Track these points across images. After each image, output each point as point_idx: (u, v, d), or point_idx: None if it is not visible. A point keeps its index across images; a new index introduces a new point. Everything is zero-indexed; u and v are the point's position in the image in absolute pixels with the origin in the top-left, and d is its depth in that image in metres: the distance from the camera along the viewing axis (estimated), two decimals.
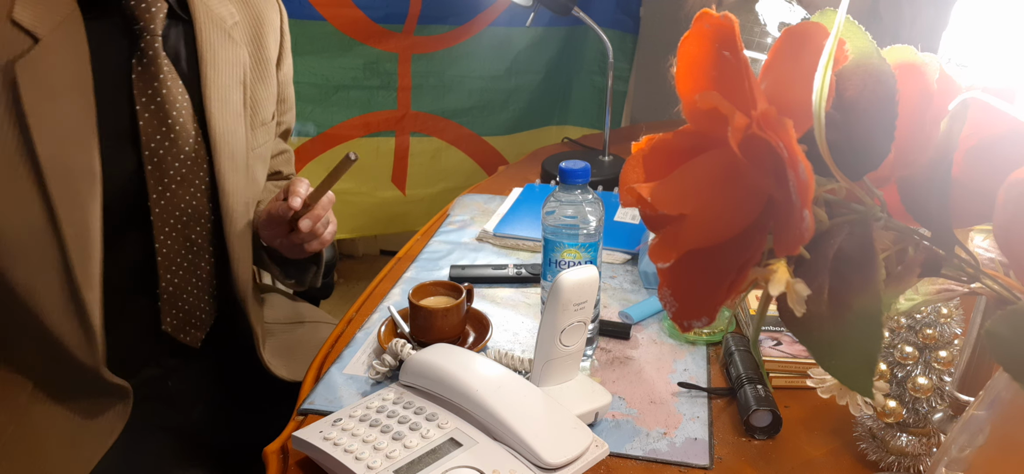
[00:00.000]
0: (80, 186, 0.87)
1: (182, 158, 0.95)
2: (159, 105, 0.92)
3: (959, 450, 0.41)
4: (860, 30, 0.36)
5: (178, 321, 1.01)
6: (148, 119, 0.91)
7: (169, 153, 0.93)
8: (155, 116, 0.92)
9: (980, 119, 0.35)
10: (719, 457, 0.75)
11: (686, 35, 0.37)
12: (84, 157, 0.87)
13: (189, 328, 1.02)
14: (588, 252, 0.87)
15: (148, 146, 0.92)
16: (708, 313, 0.37)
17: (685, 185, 0.37)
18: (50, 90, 0.85)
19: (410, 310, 0.92)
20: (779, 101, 0.35)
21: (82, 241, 0.88)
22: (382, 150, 2.09)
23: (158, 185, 0.93)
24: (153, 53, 0.91)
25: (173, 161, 0.94)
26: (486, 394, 0.72)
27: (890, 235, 0.37)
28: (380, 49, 1.96)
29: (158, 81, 0.91)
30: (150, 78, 0.91)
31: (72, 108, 0.87)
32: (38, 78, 0.84)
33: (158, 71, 0.91)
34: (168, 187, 0.94)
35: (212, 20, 0.98)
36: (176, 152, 0.94)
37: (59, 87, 0.86)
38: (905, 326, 0.71)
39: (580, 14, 1.45)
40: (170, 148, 0.93)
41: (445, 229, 1.30)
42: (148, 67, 0.91)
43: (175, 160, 0.94)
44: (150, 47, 0.91)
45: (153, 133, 0.92)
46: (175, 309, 1.00)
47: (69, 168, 0.86)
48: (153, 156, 0.92)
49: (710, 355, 0.92)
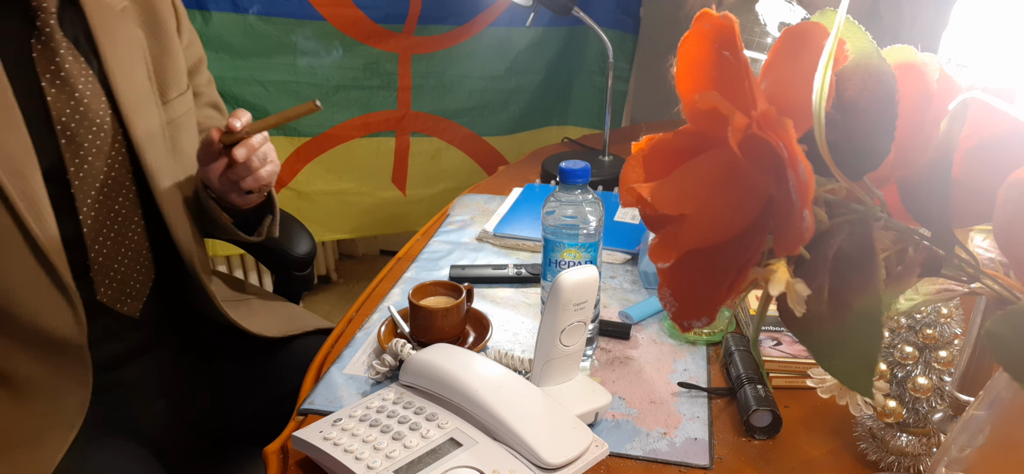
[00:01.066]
0: (20, 161, 0.89)
1: (95, 130, 0.96)
2: (63, 80, 0.94)
3: (959, 450, 0.41)
4: (860, 30, 0.36)
5: (113, 291, 1.02)
6: (55, 95, 0.93)
7: (81, 126, 0.95)
8: (61, 91, 0.94)
9: (980, 119, 0.35)
10: (719, 457, 0.75)
11: (686, 35, 0.37)
12: (15, 135, 0.90)
13: (124, 298, 1.03)
14: (588, 252, 0.87)
15: (59, 121, 0.94)
16: (708, 313, 0.37)
17: (685, 185, 0.37)
18: None
19: (410, 310, 0.92)
20: (779, 101, 0.35)
21: (34, 207, 0.91)
22: (382, 150, 2.09)
23: (74, 158, 0.95)
24: (50, 30, 0.93)
25: (86, 134, 0.96)
26: (486, 394, 0.72)
27: (890, 235, 0.37)
28: (380, 49, 1.96)
29: (59, 56, 0.94)
30: (51, 54, 0.93)
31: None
32: None
33: (58, 46, 0.94)
34: (84, 159, 0.96)
35: (99, 5, 1.00)
36: (87, 124, 0.96)
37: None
38: (905, 326, 0.71)
39: (580, 14, 1.45)
40: (81, 121, 0.95)
41: (445, 229, 1.30)
42: (47, 44, 0.93)
43: (88, 132, 0.96)
44: (46, 25, 0.93)
45: (62, 108, 0.94)
46: (107, 279, 1.01)
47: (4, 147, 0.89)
48: (65, 130, 0.94)
49: (710, 355, 0.92)
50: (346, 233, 2.20)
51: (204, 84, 1.19)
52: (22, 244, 0.91)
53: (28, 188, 0.90)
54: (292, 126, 1.97)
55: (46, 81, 0.93)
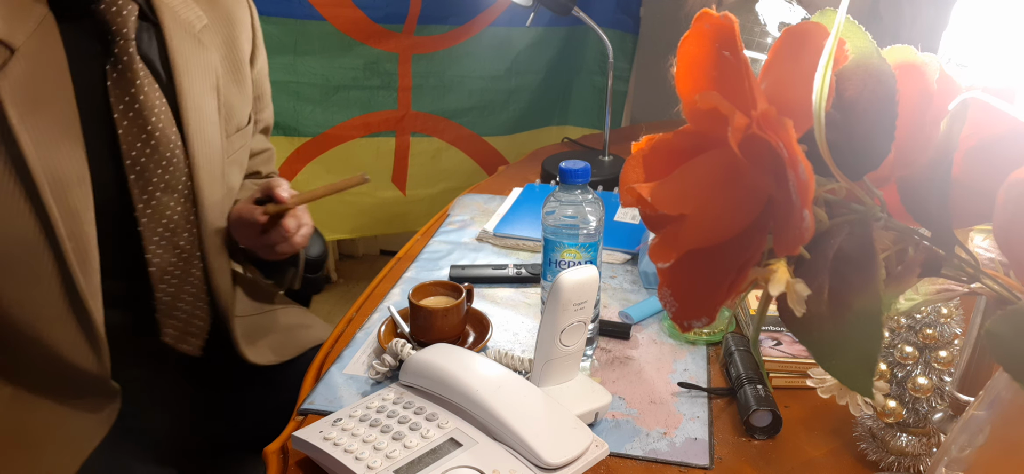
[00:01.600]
0: (73, 194, 0.86)
1: (165, 165, 0.92)
2: (137, 112, 0.89)
3: (959, 450, 0.41)
4: (860, 30, 0.36)
5: (177, 332, 1.00)
6: (127, 127, 0.89)
7: (151, 160, 0.91)
8: (134, 123, 0.89)
9: (980, 119, 0.35)
10: (719, 457, 0.75)
11: (686, 35, 0.37)
12: (74, 165, 0.85)
13: (188, 337, 1.01)
14: (588, 252, 0.87)
15: (129, 155, 0.90)
16: (708, 313, 0.37)
17: (685, 185, 0.37)
18: (32, 100, 0.83)
19: (410, 310, 0.92)
20: (779, 101, 0.35)
21: (81, 250, 0.87)
22: (382, 150, 2.09)
23: (143, 194, 0.91)
24: (128, 58, 0.89)
25: (156, 169, 0.92)
26: (486, 394, 0.72)
27: (890, 235, 0.37)
28: (380, 49, 1.96)
29: (135, 87, 0.89)
30: (127, 85, 0.89)
31: (56, 116, 0.85)
32: (18, 88, 0.82)
33: (135, 77, 0.89)
34: (152, 195, 0.92)
35: (180, 25, 0.95)
36: (157, 159, 0.92)
37: (41, 96, 0.84)
38: (905, 326, 0.71)
39: (580, 14, 1.45)
40: (152, 155, 0.91)
41: (445, 229, 1.30)
42: (123, 73, 0.89)
43: (157, 168, 0.92)
44: (124, 52, 0.89)
45: (133, 141, 0.90)
46: (173, 319, 0.99)
47: (60, 177, 0.84)
48: (135, 165, 0.90)
49: (710, 355, 0.92)
50: (346, 233, 2.20)
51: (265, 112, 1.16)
52: (59, 284, 0.87)
53: (78, 229, 0.86)
54: (292, 126, 1.97)
55: (119, 113, 0.88)
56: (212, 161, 0.98)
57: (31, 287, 0.87)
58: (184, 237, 0.97)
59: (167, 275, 0.96)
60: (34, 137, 0.83)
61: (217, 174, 0.99)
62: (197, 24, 0.97)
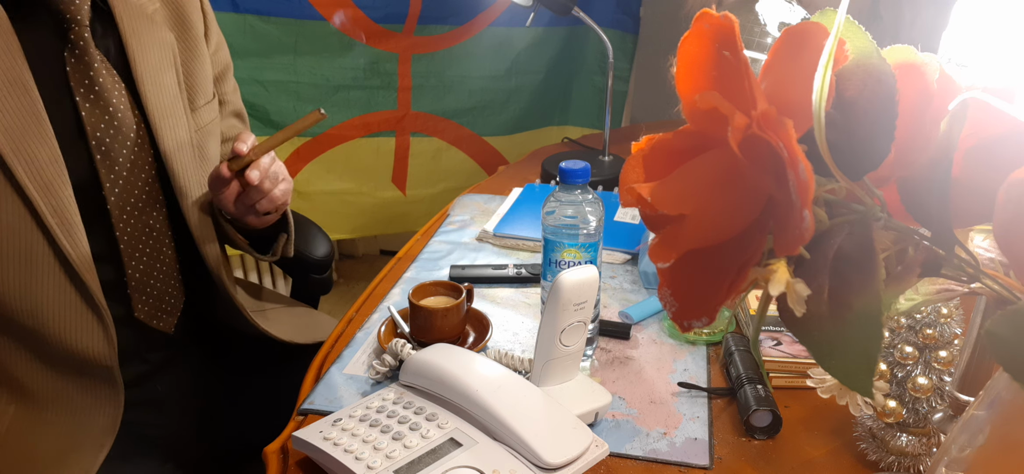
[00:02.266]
0: (48, 172, 0.88)
1: (129, 144, 0.95)
2: (98, 95, 0.92)
3: (959, 450, 0.41)
4: (860, 30, 0.36)
5: (149, 308, 1.01)
6: (89, 110, 0.91)
7: (115, 140, 0.93)
8: (95, 106, 0.92)
9: (980, 119, 0.35)
10: (719, 457, 0.75)
11: (686, 35, 0.37)
12: (45, 146, 0.88)
13: (161, 314, 1.02)
14: (588, 252, 0.87)
15: (94, 136, 0.92)
16: (708, 313, 0.37)
17: (685, 185, 0.37)
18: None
19: (410, 310, 0.92)
20: (779, 101, 0.35)
21: (65, 224, 0.89)
22: (382, 150, 2.09)
23: (110, 173, 0.93)
24: (83, 43, 0.91)
25: (120, 148, 0.94)
26: (486, 394, 0.72)
27: (890, 235, 0.37)
28: (380, 49, 1.96)
29: (93, 71, 0.91)
30: (85, 68, 0.91)
31: (19, 105, 0.86)
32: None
33: (92, 61, 0.91)
34: (119, 176, 0.94)
35: (130, 8, 0.97)
36: (122, 140, 0.94)
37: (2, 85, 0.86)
38: (905, 326, 0.71)
39: (580, 14, 1.45)
40: (116, 136, 0.93)
41: (445, 229, 1.30)
42: (81, 58, 0.91)
43: (122, 147, 0.94)
44: (80, 38, 0.91)
45: (97, 123, 0.92)
46: (144, 295, 1.00)
47: (33, 158, 0.87)
48: (100, 146, 0.92)
49: (710, 355, 0.92)
50: (346, 233, 2.20)
51: (230, 91, 1.17)
52: (53, 261, 0.89)
53: (59, 204, 0.88)
54: None
55: (80, 96, 0.91)
56: (178, 132, 1.00)
57: (28, 271, 0.89)
58: (153, 215, 0.99)
59: (137, 252, 0.98)
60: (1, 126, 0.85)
61: (185, 145, 1.01)
62: (148, 7, 1.00)
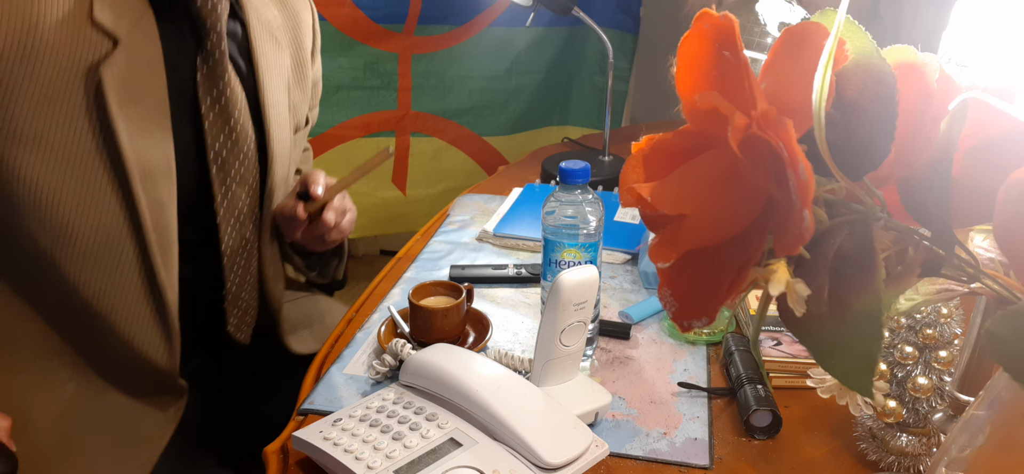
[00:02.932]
0: (159, 185, 0.87)
1: (242, 158, 0.95)
2: (223, 106, 0.92)
3: (959, 450, 0.41)
4: (860, 30, 0.36)
5: (238, 320, 1.02)
6: (213, 121, 0.91)
7: (231, 154, 0.93)
8: (219, 117, 0.92)
9: (980, 119, 0.35)
10: (719, 457, 0.75)
11: (686, 35, 0.37)
12: (162, 157, 0.87)
13: (243, 327, 1.03)
14: (588, 252, 0.87)
15: (212, 148, 0.92)
16: (708, 313, 0.37)
17: (685, 185, 0.37)
18: (131, 91, 0.84)
19: (410, 310, 0.92)
20: (779, 101, 0.35)
21: (163, 241, 0.88)
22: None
23: (222, 186, 0.94)
24: (219, 54, 0.91)
25: (234, 161, 0.94)
26: (486, 394, 0.72)
27: (890, 235, 0.37)
28: (380, 49, 1.96)
29: (223, 82, 0.91)
30: (215, 79, 0.91)
31: (150, 108, 0.86)
32: (120, 79, 0.83)
33: (223, 72, 0.91)
34: (230, 187, 0.95)
35: (261, 23, 0.98)
36: (236, 152, 0.94)
37: (138, 87, 0.85)
38: (905, 326, 0.71)
39: (580, 14, 1.45)
40: (232, 149, 0.93)
41: (445, 229, 1.30)
42: (214, 68, 0.90)
43: (235, 160, 0.94)
44: (216, 48, 0.90)
45: (217, 134, 0.92)
46: (237, 309, 1.01)
47: (149, 168, 0.86)
48: (218, 158, 0.92)
49: (710, 355, 0.92)
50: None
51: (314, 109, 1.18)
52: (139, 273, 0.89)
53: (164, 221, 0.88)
54: None
55: (206, 106, 0.90)
56: (284, 156, 1.02)
57: (113, 277, 0.88)
58: (249, 228, 1.00)
59: (235, 265, 0.99)
60: (128, 128, 0.84)
61: (286, 168, 1.03)
62: (273, 23, 1.01)
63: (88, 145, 0.83)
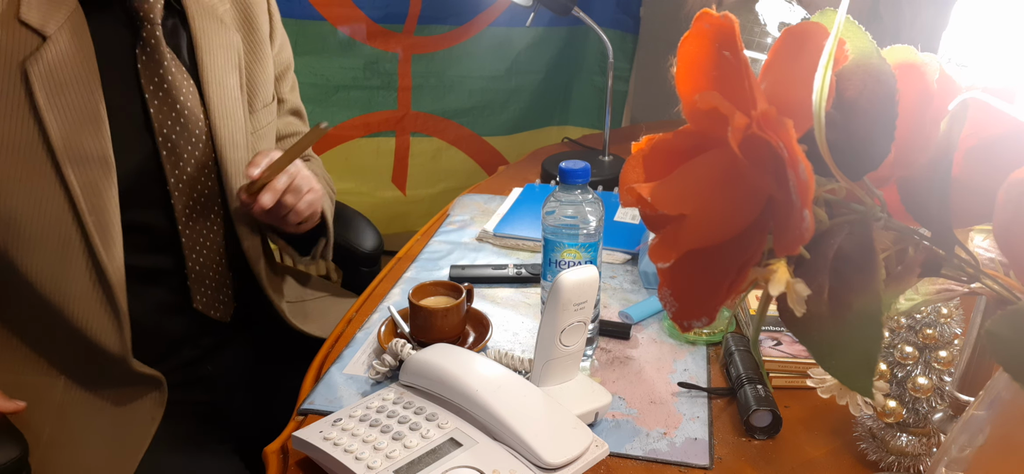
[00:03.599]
0: (96, 173, 0.90)
1: (194, 141, 0.98)
2: (166, 91, 0.95)
3: (959, 450, 0.41)
4: (860, 30, 0.36)
5: (207, 298, 1.04)
6: (158, 106, 0.94)
7: (181, 137, 0.96)
8: (164, 102, 0.95)
9: (980, 119, 0.35)
10: (719, 457, 0.75)
11: (686, 35, 0.37)
12: (97, 145, 0.90)
13: (218, 304, 1.05)
14: (588, 252, 0.87)
15: (161, 132, 0.95)
16: (708, 313, 0.37)
17: (685, 185, 0.37)
18: (60, 84, 0.88)
19: (410, 310, 0.92)
20: (779, 101, 0.35)
21: (103, 226, 0.91)
22: (382, 150, 2.09)
23: (175, 169, 0.97)
24: (155, 41, 0.94)
25: (185, 145, 0.97)
26: (486, 394, 0.72)
27: (890, 235, 0.37)
28: (380, 49, 1.96)
29: (163, 68, 0.95)
30: (155, 66, 0.94)
31: (81, 99, 0.90)
32: (48, 73, 0.88)
33: (162, 58, 0.95)
34: (183, 171, 0.98)
35: (203, 8, 1.00)
36: (187, 136, 0.97)
37: (68, 80, 0.89)
38: (905, 326, 0.71)
39: (580, 14, 1.45)
40: (182, 132, 0.96)
41: (445, 229, 1.30)
42: (152, 55, 0.94)
43: (187, 144, 0.97)
44: (152, 36, 0.94)
45: (165, 119, 0.95)
46: (203, 286, 1.03)
47: (84, 156, 0.90)
48: (167, 141, 0.96)
49: (710, 355, 0.92)
50: None
51: (288, 90, 1.20)
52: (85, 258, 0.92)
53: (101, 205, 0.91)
54: None
55: (149, 92, 0.94)
56: (235, 135, 1.03)
57: (60, 263, 0.92)
58: (215, 209, 1.02)
59: (197, 246, 1.01)
60: (59, 118, 0.88)
61: (240, 147, 1.04)
62: (219, 7, 1.03)
63: (23, 136, 0.88)
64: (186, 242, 0.99)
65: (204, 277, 1.03)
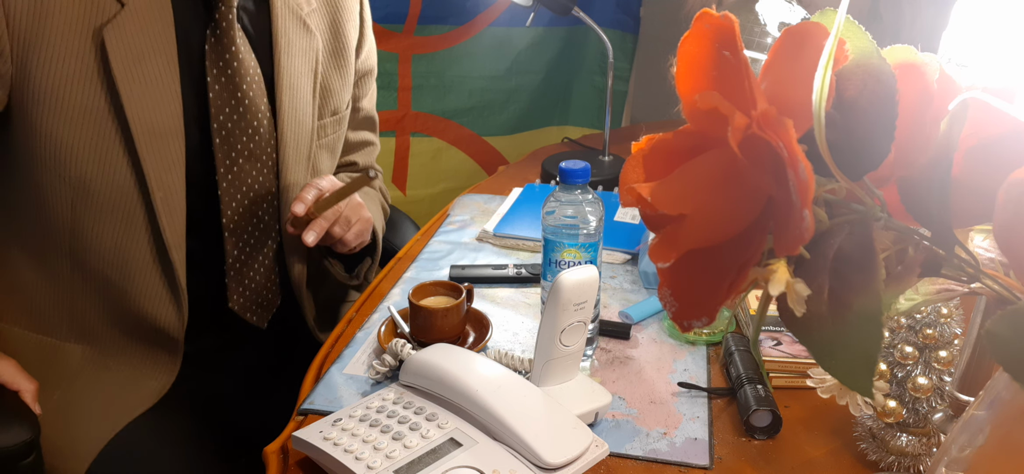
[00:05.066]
0: (166, 146, 0.90)
1: (251, 133, 0.96)
2: (229, 78, 0.93)
3: (959, 450, 0.41)
4: (860, 30, 0.36)
5: (244, 300, 1.02)
6: (218, 91, 0.93)
7: (238, 127, 0.95)
8: (225, 88, 0.93)
9: (980, 119, 0.35)
10: (719, 457, 0.75)
11: (686, 35, 0.37)
12: (170, 120, 0.90)
13: (255, 308, 1.03)
14: (588, 252, 0.87)
15: (217, 118, 0.94)
16: (708, 313, 0.37)
17: (685, 185, 0.37)
18: (137, 53, 0.87)
19: (410, 310, 0.92)
20: (779, 101, 0.35)
21: (168, 200, 0.91)
22: (382, 150, 2.09)
23: (226, 158, 0.95)
24: (227, 24, 0.93)
25: (241, 135, 0.95)
26: (486, 394, 0.72)
27: (890, 235, 0.37)
28: (380, 49, 1.96)
29: (230, 54, 0.93)
30: (222, 50, 0.93)
31: (157, 71, 0.89)
32: (125, 41, 0.87)
33: (230, 43, 0.93)
34: (235, 161, 0.96)
35: (288, 6, 0.99)
36: (244, 126, 0.95)
37: (145, 50, 0.88)
38: (905, 326, 0.71)
39: (580, 14, 1.45)
40: (239, 122, 0.95)
41: (445, 229, 1.30)
42: (221, 38, 0.93)
43: (243, 135, 0.96)
44: (224, 18, 0.92)
45: (223, 105, 0.94)
46: (242, 287, 1.01)
47: (155, 130, 0.89)
48: (222, 129, 0.94)
49: (710, 355, 0.92)
50: None
51: (366, 98, 1.18)
52: (147, 231, 0.92)
53: (169, 180, 0.91)
54: None
55: (212, 77, 0.93)
56: (300, 140, 1.02)
57: (124, 233, 0.92)
58: (263, 207, 1.01)
59: (241, 241, 1.00)
60: (134, 89, 0.88)
61: (303, 153, 1.03)
62: (305, 8, 1.02)
63: (97, 104, 0.87)
64: (228, 237, 0.98)
65: (243, 275, 1.00)
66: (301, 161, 1.02)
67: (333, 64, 1.06)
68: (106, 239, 0.91)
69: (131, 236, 0.92)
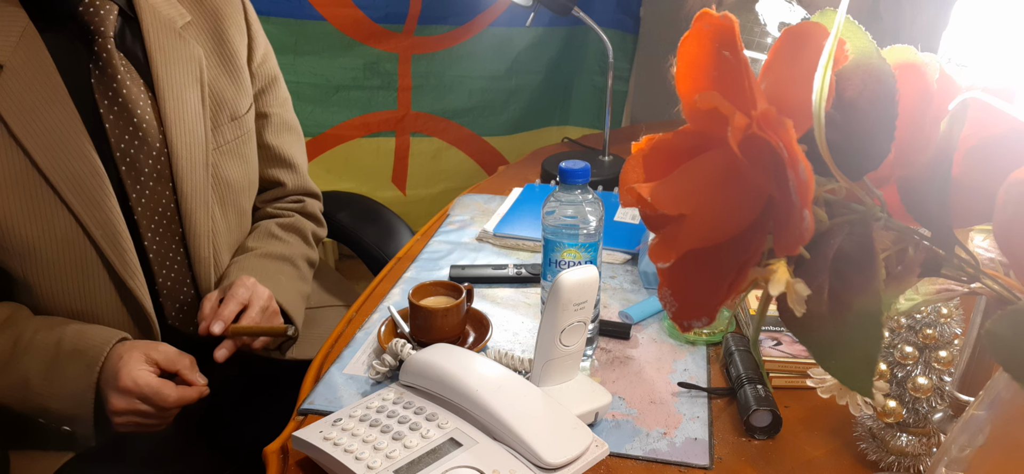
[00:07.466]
0: (90, 186, 0.90)
1: (155, 154, 0.96)
2: (122, 106, 0.93)
3: (959, 450, 0.41)
4: (860, 30, 0.37)
5: (184, 315, 1.02)
6: (113, 121, 0.93)
7: (140, 151, 0.95)
8: (119, 117, 0.93)
9: (980, 119, 0.35)
10: (719, 457, 0.75)
11: (686, 35, 0.37)
12: (83, 161, 0.90)
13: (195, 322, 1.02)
14: (588, 252, 0.87)
15: (118, 148, 0.93)
16: (708, 313, 0.37)
17: (685, 185, 0.37)
18: (29, 108, 0.87)
19: (410, 310, 0.92)
20: (779, 101, 0.35)
21: (110, 237, 0.92)
22: (382, 150, 2.09)
23: (136, 184, 0.95)
24: (107, 54, 0.92)
25: (146, 159, 0.95)
26: (486, 394, 0.72)
27: (890, 235, 0.37)
28: (380, 49, 1.96)
29: (116, 82, 0.93)
30: (108, 80, 0.92)
31: (56, 118, 0.89)
32: (14, 100, 0.87)
33: (115, 72, 0.92)
34: (145, 186, 0.96)
35: (159, 21, 0.98)
36: (147, 150, 0.95)
37: (36, 102, 0.88)
38: (905, 326, 0.71)
39: (580, 14, 1.45)
40: (141, 146, 0.95)
41: (445, 229, 1.30)
42: (105, 69, 0.92)
43: (147, 159, 0.96)
44: (103, 50, 0.92)
45: (121, 134, 0.93)
46: (177, 304, 1.02)
47: (73, 174, 0.89)
48: (124, 157, 0.94)
49: (710, 355, 0.92)
50: None
51: (277, 104, 1.17)
52: (103, 271, 0.93)
53: (104, 217, 0.91)
54: None
55: (104, 108, 0.92)
56: (193, 149, 1.00)
57: (81, 279, 0.93)
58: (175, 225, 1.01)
59: (168, 261, 1.00)
60: (39, 142, 0.88)
61: (198, 162, 1.01)
62: (178, 21, 1.01)
63: (11, 169, 0.87)
64: (154, 258, 0.98)
65: (177, 292, 1.02)
66: (196, 168, 1.00)
67: (222, 71, 1.05)
68: (68, 290, 0.92)
69: (89, 280, 0.92)
